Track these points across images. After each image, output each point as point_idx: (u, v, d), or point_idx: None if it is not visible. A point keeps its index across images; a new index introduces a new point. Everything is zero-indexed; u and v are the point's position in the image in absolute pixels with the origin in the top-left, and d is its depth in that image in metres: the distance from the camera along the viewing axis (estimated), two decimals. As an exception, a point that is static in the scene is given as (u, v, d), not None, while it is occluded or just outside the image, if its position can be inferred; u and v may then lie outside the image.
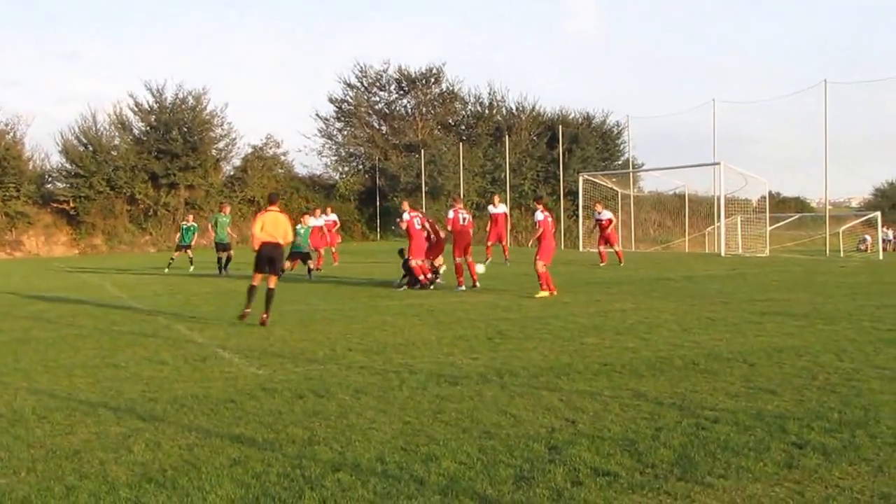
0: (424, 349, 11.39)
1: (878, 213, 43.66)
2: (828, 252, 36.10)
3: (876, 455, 6.20)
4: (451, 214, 20.98)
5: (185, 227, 30.86)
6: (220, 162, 60.42)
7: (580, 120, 66.37)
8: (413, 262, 20.52)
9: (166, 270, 29.12)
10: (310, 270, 25.00)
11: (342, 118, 69.29)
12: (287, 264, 24.41)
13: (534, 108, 67.92)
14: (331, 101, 68.98)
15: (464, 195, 56.05)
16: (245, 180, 59.72)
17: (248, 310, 14.22)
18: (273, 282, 14.45)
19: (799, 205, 75.07)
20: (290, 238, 15.24)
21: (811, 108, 35.23)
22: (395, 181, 63.23)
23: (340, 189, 64.61)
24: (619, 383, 8.92)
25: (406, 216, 20.89)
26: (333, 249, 31.75)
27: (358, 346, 11.71)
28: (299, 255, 25.48)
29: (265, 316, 13.96)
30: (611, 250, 29.92)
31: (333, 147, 69.21)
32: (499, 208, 29.61)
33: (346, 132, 69.28)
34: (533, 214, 20.25)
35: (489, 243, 28.99)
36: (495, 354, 10.87)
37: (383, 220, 62.54)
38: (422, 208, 58.23)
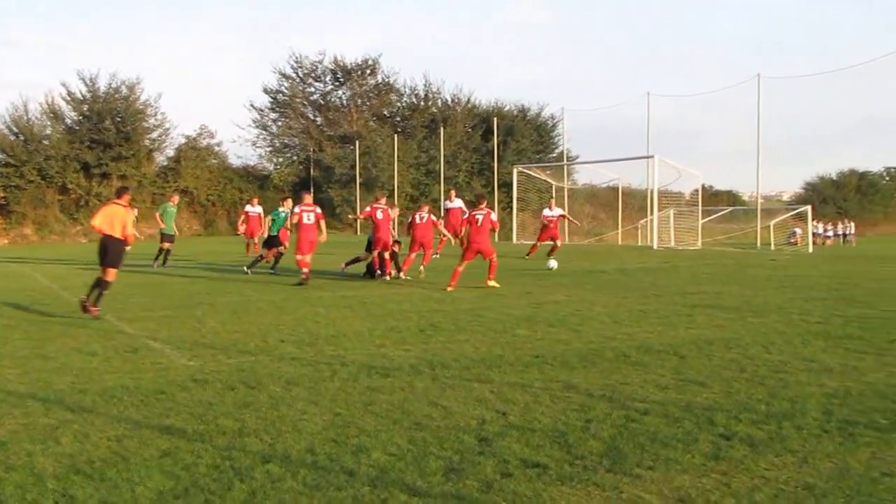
0: (356, 341, 11.35)
1: (809, 207, 44.60)
2: (759, 245, 36.76)
3: (801, 446, 6.31)
4: (367, 209, 21.56)
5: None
6: (153, 152, 59.78)
7: (515, 112, 66.84)
8: (374, 254, 20.73)
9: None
10: (274, 260, 24.15)
11: (277, 109, 68.84)
12: (266, 252, 24.05)
13: (469, 100, 68.31)
14: (266, 91, 68.60)
15: (398, 187, 56.07)
16: (179, 171, 59.12)
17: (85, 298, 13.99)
18: (110, 275, 14.16)
19: (731, 198, 76.45)
20: (130, 232, 14.50)
21: (745, 102, 35.92)
22: (329, 172, 63.00)
23: (274, 180, 64.15)
24: (551, 375, 8.98)
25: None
26: (255, 241, 31.08)
27: (290, 338, 11.63)
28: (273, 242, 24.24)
29: (92, 307, 13.79)
30: (549, 243, 29.36)
31: (268, 138, 68.81)
32: (454, 203, 29.82)
33: (280, 123, 68.89)
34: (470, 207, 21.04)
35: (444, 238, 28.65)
36: (427, 346, 10.88)
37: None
38: (355, 200, 58.32)
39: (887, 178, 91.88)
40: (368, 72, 68.38)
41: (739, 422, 6.98)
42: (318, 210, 20.24)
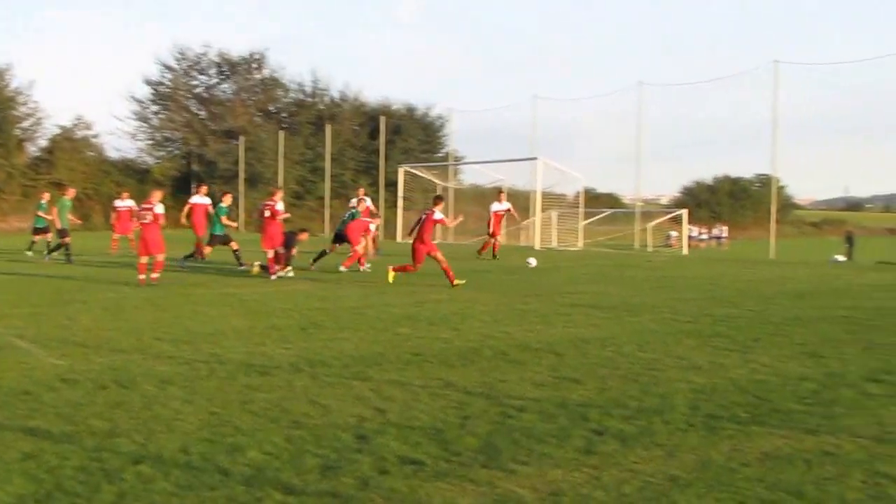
0: (235, 339, 11.20)
1: (685, 211, 45.88)
2: (637, 247, 37.63)
3: (668, 440, 6.52)
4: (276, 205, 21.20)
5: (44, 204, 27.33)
6: (24, 142, 57.63)
7: (403, 111, 66.77)
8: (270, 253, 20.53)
9: (29, 254, 26.92)
10: (188, 257, 23.45)
11: (159, 101, 67.09)
12: (208, 250, 23.37)
13: (357, 97, 67.96)
14: (147, 83, 66.78)
15: (283, 184, 55.47)
16: (52, 162, 57.10)
17: None
18: None
19: (612, 201, 77.95)
20: None
21: (627, 107, 36.76)
22: (212, 167, 61.87)
23: (155, 174, 62.67)
24: (430, 373, 9.04)
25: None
26: (130, 237, 29.48)
27: (166, 336, 11.40)
28: (218, 238, 23.22)
29: None
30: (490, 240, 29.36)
31: (149, 131, 66.98)
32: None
33: (162, 116, 67.15)
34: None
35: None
36: (308, 344, 10.81)
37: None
38: (238, 196, 57.47)
39: (758, 184, 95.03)
40: (255, 66, 67.46)
41: (612, 417, 7.16)
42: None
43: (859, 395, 8.13)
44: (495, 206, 29.65)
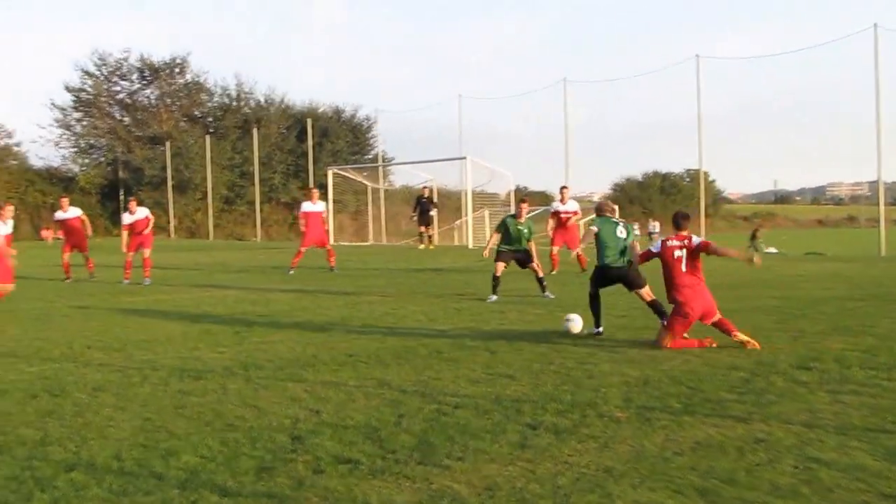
0: (168, 345, 11.09)
1: (616, 207, 46.40)
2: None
3: (603, 432, 6.60)
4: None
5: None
6: (-60, 151, 56.29)
7: (330, 113, 66.49)
8: None
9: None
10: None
11: (81, 108, 65.72)
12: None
13: (283, 100, 67.49)
14: (68, 89, 65.34)
15: (211, 189, 54.95)
16: (-26, 172, 55.90)
17: None
18: None
19: (544, 199, 78.54)
20: None
21: (554, 104, 37.05)
22: (139, 174, 60.93)
23: (81, 182, 61.57)
24: (365, 373, 9.05)
25: None
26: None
27: (97, 344, 11.24)
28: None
29: None
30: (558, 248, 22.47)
31: (72, 138, 65.61)
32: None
33: (85, 123, 65.82)
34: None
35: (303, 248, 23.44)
36: (241, 348, 10.76)
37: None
38: (168, 202, 56.77)
39: (688, 179, 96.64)
40: (177, 70, 66.46)
41: (546, 412, 7.24)
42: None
43: (789, 382, 8.28)
44: (559, 206, 23.43)
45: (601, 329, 11.50)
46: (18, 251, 16.35)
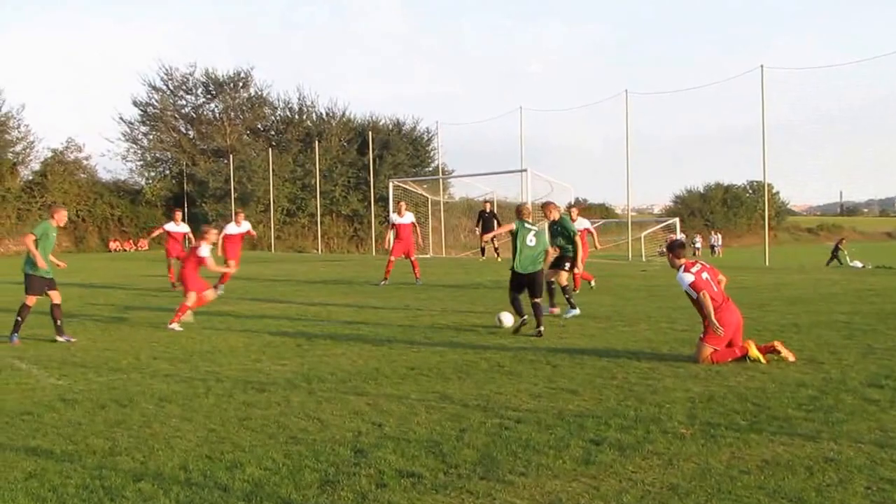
0: (231, 356, 11.23)
1: (677, 220, 46.05)
2: (630, 256, 37.67)
3: (667, 449, 6.53)
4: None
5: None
6: (17, 166, 57.71)
7: (391, 126, 66.86)
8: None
9: None
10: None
11: (147, 122, 67.14)
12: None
13: (344, 113, 68.05)
14: (135, 104, 66.79)
15: (274, 201, 55.53)
16: (45, 185, 57.17)
17: None
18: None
19: (604, 211, 78.12)
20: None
21: (615, 117, 36.71)
22: (203, 187, 61.91)
23: (147, 195, 62.73)
24: (426, 386, 9.07)
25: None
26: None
27: (163, 354, 11.43)
28: None
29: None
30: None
31: (139, 151, 67.01)
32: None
33: (151, 136, 67.21)
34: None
35: (393, 258, 23.68)
36: (304, 360, 10.85)
37: (192, 227, 60.79)
38: (232, 214, 57.44)
39: (750, 192, 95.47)
40: (241, 84, 67.46)
41: (609, 427, 7.18)
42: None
43: (860, 400, 8.09)
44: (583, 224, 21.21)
45: (525, 316, 12.90)
46: (86, 263, 16.65)
